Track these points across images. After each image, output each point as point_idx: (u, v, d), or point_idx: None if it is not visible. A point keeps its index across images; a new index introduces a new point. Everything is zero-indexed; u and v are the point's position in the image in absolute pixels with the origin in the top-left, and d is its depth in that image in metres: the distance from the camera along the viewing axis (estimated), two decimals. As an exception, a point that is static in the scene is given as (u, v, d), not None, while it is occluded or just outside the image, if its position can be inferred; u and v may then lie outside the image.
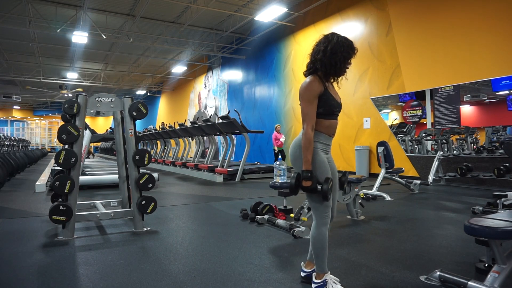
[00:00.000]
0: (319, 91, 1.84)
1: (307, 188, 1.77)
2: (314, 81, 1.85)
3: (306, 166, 1.79)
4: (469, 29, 6.43)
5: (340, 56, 1.83)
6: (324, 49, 1.85)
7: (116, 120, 3.56)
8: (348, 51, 1.86)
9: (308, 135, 1.79)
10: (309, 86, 1.84)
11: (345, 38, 1.88)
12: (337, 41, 1.84)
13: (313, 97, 1.83)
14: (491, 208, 3.75)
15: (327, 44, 1.85)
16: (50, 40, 13.41)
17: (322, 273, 1.86)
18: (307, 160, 1.79)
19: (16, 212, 4.23)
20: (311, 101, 1.82)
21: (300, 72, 10.70)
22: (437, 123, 7.13)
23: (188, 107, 19.29)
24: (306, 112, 1.82)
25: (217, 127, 8.06)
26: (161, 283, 2.02)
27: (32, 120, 32.37)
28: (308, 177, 1.76)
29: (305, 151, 1.79)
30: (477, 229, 1.75)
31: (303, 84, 1.87)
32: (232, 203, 4.76)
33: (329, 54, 1.83)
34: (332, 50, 1.83)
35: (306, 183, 1.77)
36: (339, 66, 1.85)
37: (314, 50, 1.92)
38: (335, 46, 1.83)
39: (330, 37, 1.87)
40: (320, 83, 1.85)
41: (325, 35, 1.90)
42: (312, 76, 1.88)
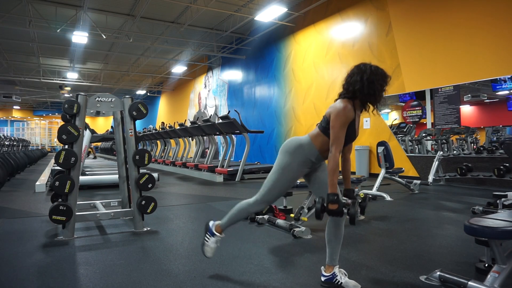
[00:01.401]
0: (351, 118, 1.88)
1: (334, 211, 1.78)
2: (350, 107, 1.88)
3: (332, 189, 1.80)
4: (469, 29, 6.43)
5: (377, 85, 1.87)
6: (360, 79, 1.87)
7: (116, 120, 3.56)
8: (384, 79, 1.91)
9: (336, 159, 1.82)
10: (347, 111, 1.85)
11: (377, 67, 1.92)
12: (371, 71, 1.88)
13: (347, 122, 1.86)
14: (491, 208, 3.75)
15: (362, 75, 1.88)
16: (50, 40, 13.41)
17: (332, 265, 1.93)
18: (333, 183, 1.81)
19: (16, 212, 4.23)
20: (344, 125, 1.85)
21: (300, 72, 10.71)
22: (437, 123, 7.13)
23: (188, 107, 19.29)
24: (338, 136, 1.84)
25: (217, 127, 8.06)
26: (161, 283, 2.02)
27: (32, 120, 32.36)
28: (334, 200, 1.77)
29: (331, 175, 1.82)
30: (477, 229, 1.75)
31: (340, 107, 1.87)
32: (232, 203, 4.73)
33: (367, 84, 1.86)
34: (368, 80, 1.86)
35: (332, 206, 1.78)
36: (378, 94, 1.89)
37: (348, 81, 1.93)
38: (371, 76, 1.87)
39: (363, 68, 1.90)
40: (353, 110, 1.89)
41: (357, 65, 1.94)
42: (347, 100, 1.90)
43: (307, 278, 2.08)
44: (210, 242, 2.17)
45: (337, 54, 9.31)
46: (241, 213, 2.13)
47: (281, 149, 2.03)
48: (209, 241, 2.17)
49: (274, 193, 2.03)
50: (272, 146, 12.01)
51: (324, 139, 1.93)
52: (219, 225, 2.19)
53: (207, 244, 2.18)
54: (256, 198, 2.07)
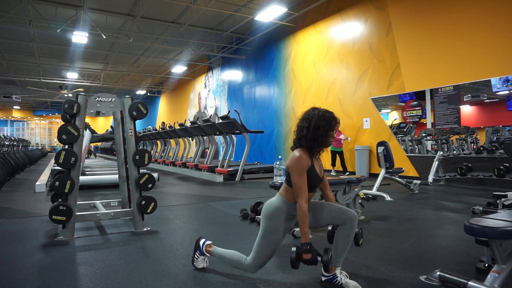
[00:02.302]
0: (307, 166, 1.92)
1: (307, 260, 1.81)
2: (303, 156, 1.93)
3: (304, 239, 1.83)
4: (469, 29, 6.43)
5: (322, 130, 1.92)
6: (307, 125, 1.94)
7: (116, 120, 3.56)
8: (330, 123, 1.94)
9: (303, 209, 1.85)
10: (299, 161, 1.91)
11: (325, 111, 1.97)
12: (318, 117, 1.94)
13: (304, 171, 1.90)
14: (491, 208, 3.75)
15: (310, 120, 1.94)
16: (50, 40, 13.41)
17: (334, 266, 1.94)
18: (304, 233, 1.84)
19: (16, 212, 4.23)
20: (302, 175, 1.90)
21: (300, 72, 10.71)
22: (437, 123, 7.13)
23: (188, 107, 19.29)
24: (299, 186, 1.88)
25: (217, 127, 8.06)
26: (161, 283, 2.02)
27: (32, 120, 32.36)
28: (307, 250, 1.80)
29: (302, 224, 1.85)
30: (477, 229, 1.75)
31: (294, 158, 1.93)
32: (232, 203, 4.76)
33: (312, 129, 1.92)
34: (314, 126, 1.92)
35: (306, 256, 1.80)
36: (322, 140, 1.93)
37: (298, 127, 2.00)
38: (317, 121, 1.92)
39: (311, 113, 1.97)
40: (308, 158, 1.94)
41: (306, 111, 2.01)
42: (301, 150, 1.96)
43: (307, 278, 2.08)
44: (199, 259, 2.24)
45: (337, 54, 9.31)
46: (232, 263, 2.10)
47: (262, 214, 2.02)
48: (198, 259, 2.24)
49: (266, 256, 1.98)
50: (272, 146, 12.01)
51: (292, 191, 1.95)
52: (210, 246, 2.21)
53: (196, 261, 2.24)
54: (250, 261, 2.00)
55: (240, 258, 2.05)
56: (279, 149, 11.56)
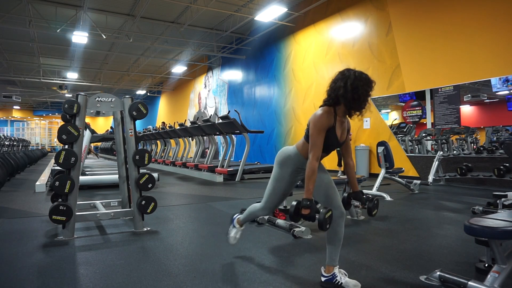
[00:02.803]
0: (328, 125, 1.89)
1: (306, 216, 1.84)
2: (327, 114, 1.89)
3: (307, 194, 1.84)
4: (469, 29, 6.43)
5: (362, 90, 1.86)
6: (344, 85, 1.87)
7: (116, 120, 3.56)
8: (368, 85, 1.89)
9: (312, 165, 1.85)
10: (321, 118, 1.88)
11: (361, 72, 1.90)
12: (355, 77, 1.87)
13: (323, 129, 1.88)
14: (491, 208, 3.75)
15: (346, 80, 1.87)
16: (50, 40, 13.41)
17: (332, 266, 1.95)
18: (308, 189, 1.84)
19: (16, 212, 4.23)
20: (320, 132, 1.88)
21: (300, 72, 10.71)
22: (437, 123, 7.13)
23: (188, 107, 19.29)
24: (314, 142, 1.88)
25: (217, 127, 8.06)
26: (161, 283, 2.02)
27: (32, 120, 32.36)
28: (307, 206, 1.81)
29: (307, 180, 1.85)
30: (477, 229, 1.75)
31: (317, 114, 1.91)
32: (232, 203, 4.76)
33: (351, 89, 1.85)
34: (352, 86, 1.85)
35: (305, 211, 1.82)
36: (362, 100, 1.88)
37: (332, 87, 1.93)
38: (355, 82, 1.86)
39: (347, 73, 1.90)
40: (331, 117, 1.90)
41: (341, 71, 1.94)
42: (326, 107, 1.92)
43: (307, 278, 2.08)
44: (232, 233, 2.44)
45: (337, 54, 9.31)
46: (251, 214, 2.32)
47: (275, 160, 2.13)
48: (231, 232, 2.44)
49: (274, 201, 2.13)
50: (272, 146, 12.01)
51: (308, 146, 1.94)
52: (239, 219, 2.43)
53: (229, 234, 2.45)
54: (261, 205, 2.21)
55: (255, 206, 2.27)
56: (279, 149, 11.44)
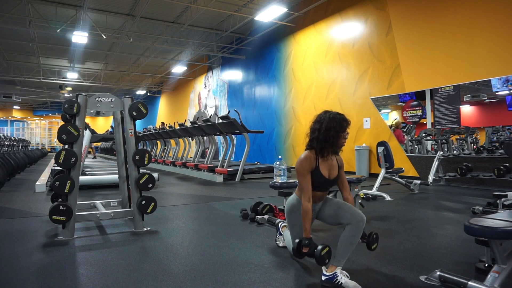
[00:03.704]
0: (310, 168, 2.05)
1: (306, 253, 1.99)
2: (308, 158, 2.06)
3: (305, 234, 2.01)
4: (469, 29, 6.43)
5: (333, 132, 2.01)
6: (319, 127, 2.04)
7: (116, 120, 3.56)
8: (341, 125, 2.03)
9: (305, 206, 2.02)
10: (303, 162, 2.06)
11: (336, 114, 2.06)
12: (329, 119, 2.03)
13: (306, 172, 2.04)
14: (491, 208, 3.75)
15: (321, 123, 2.04)
16: (50, 40, 13.41)
17: (335, 266, 1.97)
18: (305, 229, 2.01)
19: (16, 212, 4.23)
20: (304, 175, 2.04)
21: (300, 72, 10.71)
22: (437, 123, 7.12)
23: (188, 107, 19.29)
24: (301, 186, 2.06)
25: (217, 127, 8.05)
26: (161, 283, 2.02)
27: (32, 120, 32.35)
28: (306, 245, 1.97)
29: (303, 220, 2.03)
30: (477, 229, 1.75)
31: (298, 160, 2.09)
32: (232, 203, 4.76)
33: (324, 131, 2.01)
34: (326, 127, 2.01)
35: (304, 249, 1.97)
36: (333, 141, 2.03)
37: (311, 130, 2.12)
38: (328, 123, 2.01)
39: (322, 116, 2.07)
40: (312, 160, 2.06)
41: (318, 114, 2.11)
42: (308, 152, 2.09)
43: (307, 278, 2.08)
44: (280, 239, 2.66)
45: (337, 54, 9.31)
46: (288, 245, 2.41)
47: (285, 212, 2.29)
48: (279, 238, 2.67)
49: None
50: (272, 146, 12.01)
51: None
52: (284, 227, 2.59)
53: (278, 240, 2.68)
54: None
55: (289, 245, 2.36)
56: (279, 149, 11.56)
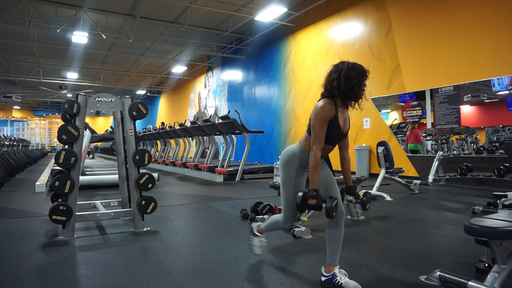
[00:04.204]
0: (331, 116, 1.90)
1: (313, 206, 1.87)
2: (329, 105, 1.92)
3: (312, 185, 1.88)
4: (469, 29, 6.43)
5: (355, 80, 1.89)
6: (337, 77, 1.91)
7: (116, 120, 3.56)
8: (362, 74, 1.92)
9: (316, 157, 1.88)
10: (323, 109, 1.91)
11: (354, 63, 1.94)
12: (348, 68, 1.91)
13: (325, 120, 1.90)
14: (491, 208, 3.75)
15: (339, 72, 1.91)
16: (50, 40, 13.40)
17: (332, 265, 1.95)
18: (313, 180, 1.88)
19: (16, 212, 4.23)
20: (323, 124, 1.90)
21: (300, 72, 10.70)
22: (437, 123, 7.12)
23: (188, 107, 19.29)
24: (317, 134, 1.90)
25: (217, 127, 8.05)
26: (161, 283, 2.02)
27: (32, 120, 32.35)
28: (313, 196, 1.86)
29: (312, 172, 1.88)
30: (477, 229, 1.75)
31: (317, 106, 1.93)
32: (232, 203, 4.76)
33: (344, 80, 1.89)
34: (346, 77, 1.89)
35: (311, 201, 1.86)
36: (357, 89, 1.91)
37: (327, 80, 1.97)
38: (348, 73, 1.90)
39: (340, 65, 1.94)
40: (333, 108, 1.92)
41: (335, 64, 1.98)
42: (327, 99, 1.94)
43: (307, 278, 2.08)
44: (254, 241, 2.36)
45: (337, 54, 9.31)
46: (273, 225, 2.26)
47: (279, 162, 2.10)
48: (254, 241, 2.36)
49: (290, 208, 2.06)
50: (272, 146, 12.01)
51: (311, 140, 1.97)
52: (259, 227, 2.36)
53: (253, 243, 2.36)
54: (282, 216, 2.14)
55: (278, 218, 2.20)
56: (279, 149, 11.55)
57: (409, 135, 8.01)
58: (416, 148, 7.95)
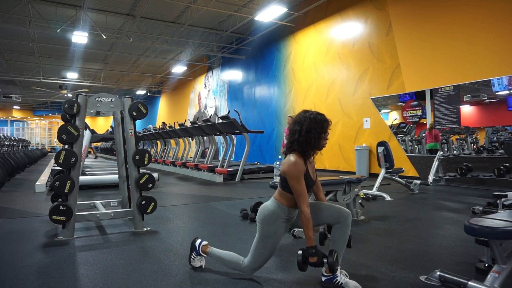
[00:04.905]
0: (303, 170, 1.91)
1: (314, 263, 1.84)
2: (300, 161, 1.92)
3: (309, 242, 1.86)
4: (469, 29, 6.43)
5: (314, 133, 1.91)
6: (299, 129, 1.92)
7: (116, 120, 3.56)
8: (322, 125, 1.93)
9: (306, 214, 1.86)
10: (296, 166, 1.90)
11: (317, 113, 1.95)
12: (310, 119, 1.92)
13: (301, 176, 1.90)
14: (491, 208, 3.75)
15: (301, 124, 1.92)
16: (50, 40, 13.41)
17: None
18: (309, 237, 1.86)
19: (16, 212, 4.23)
20: (300, 180, 1.89)
21: (300, 72, 10.71)
22: (437, 123, 7.12)
23: (188, 107, 19.29)
24: (300, 192, 1.88)
25: (217, 127, 8.06)
26: (161, 283, 2.02)
27: (32, 120, 32.36)
28: (313, 253, 1.83)
29: (306, 229, 1.86)
30: (477, 229, 1.75)
31: (290, 163, 1.90)
32: (232, 203, 4.76)
33: (304, 133, 1.90)
34: (307, 129, 1.90)
35: (312, 259, 1.84)
36: (315, 142, 1.92)
37: (290, 131, 1.98)
38: (310, 125, 1.91)
39: (302, 116, 1.95)
40: (302, 162, 1.93)
41: (297, 115, 1.99)
42: (295, 155, 1.94)
43: (307, 278, 2.08)
44: (196, 259, 2.24)
45: (337, 54, 9.31)
46: (229, 263, 2.11)
47: (258, 219, 2.03)
48: (195, 259, 2.24)
49: (263, 259, 2.01)
50: (272, 146, 12.01)
51: (288, 195, 1.96)
52: (207, 247, 2.21)
53: (193, 261, 2.24)
54: (247, 264, 2.03)
55: (238, 260, 2.06)
56: (279, 149, 11.55)
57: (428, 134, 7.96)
58: (436, 147, 7.86)
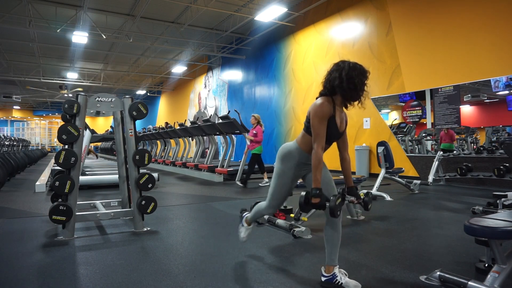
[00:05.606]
0: (329, 114, 1.90)
1: (316, 204, 1.86)
2: (327, 103, 1.91)
3: (315, 184, 1.87)
4: (469, 29, 6.43)
5: (357, 80, 1.89)
6: (339, 76, 1.89)
7: (116, 120, 3.56)
8: (363, 74, 1.92)
9: (318, 155, 1.88)
10: (322, 107, 1.90)
11: (355, 63, 1.93)
12: (349, 67, 1.90)
13: (325, 118, 1.90)
14: (491, 208, 3.75)
15: (341, 71, 1.90)
16: (50, 40, 13.41)
17: (332, 266, 1.95)
18: (316, 179, 1.87)
19: (16, 212, 4.23)
20: (322, 121, 1.89)
21: (300, 72, 10.70)
22: (437, 123, 7.13)
23: (188, 107, 19.29)
24: (318, 132, 1.89)
25: (217, 127, 8.05)
26: (161, 283, 2.02)
27: (32, 120, 32.36)
28: (317, 194, 1.84)
29: (314, 170, 1.88)
30: (477, 229, 1.75)
31: (316, 104, 1.92)
32: (232, 203, 4.76)
33: (346, 79, 1.88)
34: (347, 76, 1.88)
35: (315, 200, 1.85)
36: (359, 89, 1.90)
37: (327, 79, 1.96)
38: (349, 72, 1.88)
39: (342, 65, 1.93)
40: (331, 107, 1.92)
41: (336, 63, 1.97)
42: (325, 97, 1.94)
43: (308, 278, 2.08)
44: (241, 230, 2.49)
45: (337, 54, 9.31)
46: (258, 213, 2.34)
47: (277, 157, 2.14)
48: (241, 229, 2.49)
49: (278, 198, 2.14)
50: (272, 146, 12.01)
51: (308, 139, 1.96)
52: (247, 218, 2.46)
53: (240, 231, 2.50)
54: (266, 203, 2.22)
55: (261, 205, 2.29)
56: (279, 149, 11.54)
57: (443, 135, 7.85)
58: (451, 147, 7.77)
